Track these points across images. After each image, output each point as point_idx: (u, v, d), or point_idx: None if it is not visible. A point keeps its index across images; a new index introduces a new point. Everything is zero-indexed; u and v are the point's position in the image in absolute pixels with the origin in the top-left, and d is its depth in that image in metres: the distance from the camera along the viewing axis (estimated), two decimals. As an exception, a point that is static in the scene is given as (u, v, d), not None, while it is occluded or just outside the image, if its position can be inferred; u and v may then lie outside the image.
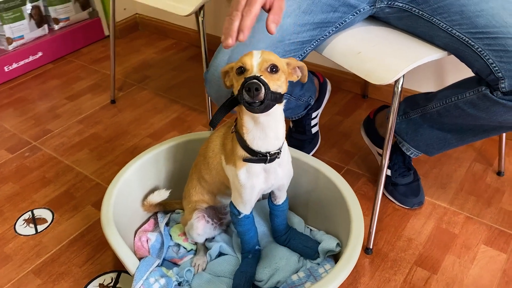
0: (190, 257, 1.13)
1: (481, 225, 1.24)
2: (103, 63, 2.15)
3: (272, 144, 0.86)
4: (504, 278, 1.10)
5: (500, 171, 1.40)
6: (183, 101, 1.84)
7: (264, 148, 0.86)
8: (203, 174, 1.03)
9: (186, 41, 2.30)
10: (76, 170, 1.50)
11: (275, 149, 0.87)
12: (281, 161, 0.92)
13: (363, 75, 1.01)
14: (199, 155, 1.06)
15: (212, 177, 1.01)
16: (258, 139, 0.85)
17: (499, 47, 0.90)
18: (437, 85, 1.62)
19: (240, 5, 0.85)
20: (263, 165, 0.89)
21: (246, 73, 0.79)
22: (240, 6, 0.84)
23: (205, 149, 1.02)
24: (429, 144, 1.18)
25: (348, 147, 1.55)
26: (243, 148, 0.87)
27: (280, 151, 0.89)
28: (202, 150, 1.04)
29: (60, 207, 1.36)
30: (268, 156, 0.87)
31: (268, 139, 0.86)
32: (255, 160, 0.87)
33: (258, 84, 0.74)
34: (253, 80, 0.74)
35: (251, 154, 0.87)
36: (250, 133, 0.85)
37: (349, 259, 0.89)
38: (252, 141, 0.85)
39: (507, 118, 0.95)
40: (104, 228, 1.00)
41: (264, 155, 0.87)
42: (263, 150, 0.86)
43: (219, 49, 1.06)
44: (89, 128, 1.70)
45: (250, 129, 0.85)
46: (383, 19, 1.15)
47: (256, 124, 0.84)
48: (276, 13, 0.86)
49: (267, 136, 0.85)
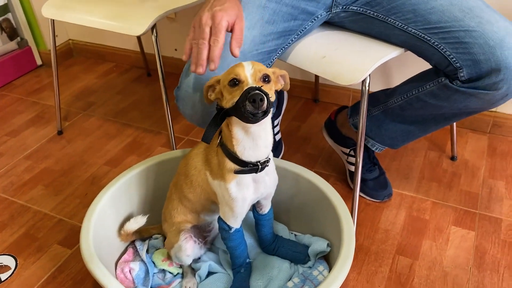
0: (178, 281, 1.09)
1: (447, 208, 1.32)
2: (41, 93, 2.03)
3: (262, 153, 0.87)
4: (477, 253, 1.18)
5: (453, 156, 1.50)
6: (136, 124, 1.78)
7: (255, 157, 0.86)
8: (185, 194, 1.01)
9: (126, 63, 2.24)
10: (33, 209, 1.40)
11: (265, 158, 0.88)
12: (269, 169, 0.92)
13: (332, 77, 1.04)
14: (178, 174, 1.03)
15: (197, 195, 0.99)
16: (248, 149, 0.85)
17: (453, 40, 0.97)
18: (385, 84, 1.70)
19: (205, 34, 0.89)
20: (253, 175, 0.89)
21: (242, 84, 0.78)
22: (205, 35, 0.89)
23: (185, 167, 1.00)
24: (394, 137, 1.24)
25: (311, 150, 1.59)
26: (232, 160, 0.87)
27: (269, 159, 0.89)
28: (181, 169, 1.02)
29: (22, 250, 1.26)
30: (259, 166, 0.87)
31: (258, 148, 0.86)
32: (246, 171, 0.87)
33: (262, 95, 0.74)
34: (255, 91, 0.74)
35: (241, 166, 0.86)
36: (240, 144, 0.85)
37: (347, 256, 0.91)
38: (242, 152, 0.85)
39: (466, 104, 1.03)
40: (88, 264, 0.94)
41: (255, 165, 0.86)
42: (254, 160, 0.86)
43: (188, 66, 1.04)
44: (39, 163, 1.59)
45: (241, 140, 0.84)
46: (338, 24, 1.20)
47: (247, 134, 0.84)
48: (238, 36, 0.91)
49: (257, 145, 0.85)
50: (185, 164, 1.00)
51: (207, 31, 0.89)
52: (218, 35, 0.88)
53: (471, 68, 0.96)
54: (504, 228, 1.25)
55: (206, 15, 0.91)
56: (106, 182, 1.48)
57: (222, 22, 0.89)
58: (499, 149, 1.55)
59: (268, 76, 0.80)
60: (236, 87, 0.78)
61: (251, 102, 0.74)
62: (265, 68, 0.81)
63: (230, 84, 0.79)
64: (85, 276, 1.18)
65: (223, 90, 0.82)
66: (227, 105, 0.80)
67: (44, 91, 2.05)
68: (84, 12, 1.41)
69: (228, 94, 0.80)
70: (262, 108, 0.75)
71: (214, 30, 0.89)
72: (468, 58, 0.96)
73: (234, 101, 0.78)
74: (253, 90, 0.75)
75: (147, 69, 2.14)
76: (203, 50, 0.88)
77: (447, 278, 1.12)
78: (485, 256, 1.17)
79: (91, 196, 1.43)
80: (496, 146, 1.56)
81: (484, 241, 1.21)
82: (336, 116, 1.41)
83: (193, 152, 0.99)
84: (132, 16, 1.35)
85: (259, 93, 0.74)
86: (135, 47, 2.17)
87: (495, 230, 1.24)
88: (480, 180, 1.42)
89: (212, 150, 0.93)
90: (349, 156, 1.38)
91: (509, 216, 1.28)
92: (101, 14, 1.38)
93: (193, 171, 0.97)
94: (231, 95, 0.79)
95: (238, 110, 0.77)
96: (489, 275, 1.12)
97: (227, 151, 0.87)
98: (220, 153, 0.89)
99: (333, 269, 0.88)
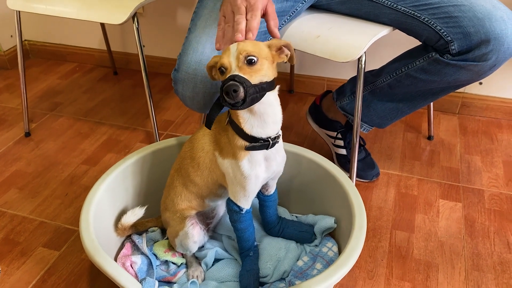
0: (184, 272, 1.06)
1: (432, 184, 1.37)
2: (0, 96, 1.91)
3: (271, 129, 0.86)
4: (467, 222, 1.23)
5: (430, 136, 1.57)
6: (109, 122, 1.71)
7: (264, 134, 0.85)
8: (192, 177, 0.97)
9: (90, 62, 2.15)
10: (9, 213, 1.30)
11: (275, 134, 0.87)
12: (278, 146, 0.91)
13: (328, 55, 1.06)
14: (183, 159, 1.00)
15: (204, 177, 0.96)
16: (257, 127, 0.84)
17: (443, 15, 1.02)
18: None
19: (242, 11, 0.87)
20: (264, 152, 0.88)
21: (226, 72, 0.78)
22: (242, 11, 0.87)
23: (191, 150, 0.97)
24: (382, 116, 1.28)
25: (294, 138, 1.60)
26: (242, 137, 0.85)
27: (280, 135, 0.88)
28: (186, 153, 0.99)
29: (4, 257, 1.17)
30: (270, 141, 0.86)
31: (267, 125, 0.85)
32: (257, 147, 0.86)
33: (236, 85, 0.73)
34: (229, 82, 0.74)
35: (252, 141, 0.85)
36: (247, 122, 0.83)
37: (361, 226, 0.92)
38: (251, 129, 0.84)
39: (456, 77, 1.08)
40: (94, 258, 0.88)
41: (266, 141, 0.85)
42: (264, 136, 0.85)
43: (187, 46, 1.02)
44: (8, 166, 1.49)
45: (247, 118, 0.83)
46: (324, 7, 1.22)
47: (253, 113, 0.83)
48: (274, 17, 0.90)
49: (266, 122, 0.84)
50: (190, 147, 0.97)
51: (243, 9, 0.87)
52: (255, 12, 0.87)
53: (461, 41, 1.01)
54: (487, 197, 1.31)
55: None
56: (86, 181, 1.41)
57: (257, 3, 0.88)
58: (469, 128, 1.63)
59: (253, 56, 0.77)
60: (223, 75, 0.78)
61: (226, 94, 0.74)
62: (251, 48, 0.78)
63: (220, 71, 0.79)
64: (78, 277, 1.11)
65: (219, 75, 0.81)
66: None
67: (2, 94, 1.93)
68: (57, 2, 1.34)
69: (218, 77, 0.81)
70: (238, 98, 0.74)
71: (250, 8, 0.87)
72: (458, 32, 1.00)
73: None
74: (227, 81, 0.74)
75: (114, 67, 2.07)
76: (241, 21, 0.85)
77: (444, 247, 1.16)
78: (474, 224, 1.23)
79: (72, 196, 1.36)
80: (467, 125, 1.65)
81: (472, 211, 1.27)
82: (321, 101, 1.43)
83: (199, 133, 0.96)
84: (109, 5, 1.30)
85: (232, 84, 0.73)
86: (99, 46, 2.09)
87: (479, 200, 1.30)
88: (458, 156, 1.49)
89: (220, 128, 0.91)
90: (336, 139, 1.40)
91: (489, 187, 1.35)
92: (76, 4, 1.32)
93: (200, 152, 0.95)
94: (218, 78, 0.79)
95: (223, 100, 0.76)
96: (481, 241, 1.18)
97: (236, 127, 0.85)
98: (230, 131, 0.87)
99: (350, 238, 0.89)
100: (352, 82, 1.31)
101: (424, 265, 1.11)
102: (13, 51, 2.12)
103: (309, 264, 1.02)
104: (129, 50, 2.05)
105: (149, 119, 1.71)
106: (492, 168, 1.43)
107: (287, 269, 1.02)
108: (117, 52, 2.05)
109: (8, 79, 2.05)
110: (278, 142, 0.89)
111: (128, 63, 2.08)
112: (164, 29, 1.92)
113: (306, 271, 1.01)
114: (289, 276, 1.01)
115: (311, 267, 1.01)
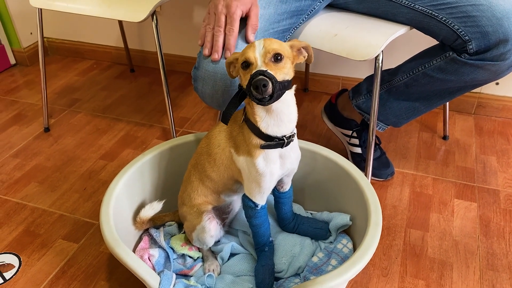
0: (200, 265, 1.07)
1: (447, 183, 1.37)
2: (19, 92, 1.95)
3: (287, 128, 0.87)
4: (482, 222, 1.23)
5: (445, 136, 1.57)
6: (126, 118, 1.74)
7: (280, 133, 0.86)
8: (208, 173, 0.99)
9: (107, 60, 2.19)
10: (30, 206, 1.33)
11: (290, 132, 0.88)
12: (293, 144, 0.92)
13: (346, 54, 1.07)
14: (199, 154, 1.02)
15: (220, 173, 0.98)
16: (272, 126, 0.85)
17: (461, 14, 1.02)
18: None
19: (221, 22, 0.96)
20: (279, 150, 0.89)
21: (251, 67, 0.79)
22: (221, 23, 0.96)
23: (207, 147, 0.99)
24: (398, 115, 1.28)
25: (308, 136, 1.61)
26: (257, 135, 0.86)
27: (295, 133, 0.90)
28: (203, 149, 1.00)
29: (25, 248, 1.20)
30: (285, 140, 0.87)
31: (283, 124, 0.86)
32: (273, 145, 0.87)
33: (265, 80, 0.74)
34: (259, 76, 0.74)
35: (267, 140, 0.86)
36: (263, 121, 0.85)
37: (376, 223, 0.93)
38: (266, 128, 0.85)
39: (473, 76, 1.08)
40: (114, 250, 0.91)
41: (281, 139, 0.87)
42: (279, 135, 0.86)
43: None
44: (28, 160, 1.52)
45: (263, 117, 0.84)
46: (342, 6, 1.22)
47: (269, 112, 0.84)
48: (253, 22, 0.97)
49: (281, 121, 0.85)
50: (207, 143, 0.99)
51: (223, 20, 0.95)
52: (233, 24, 0.94)
53: (479, 40, 1.01)
54: (503, 198, 1.31)
55: (221, 3, 0.95)
56: (104, 176, 1.44)
57: (237, 11, 0.94)
58: (485, 128, 1.63)
59: (280, 54, 0.78)
60: (248, 70, 0.79)
61: (255, 88, 0.74)
62: (278, 46, 0.79)
63: (243, 66, 0.80)
64: (97, 269, 1.13)
65: (239, 70, 0.82)
66: (244, 85, 0.80)
67: (22, 90, 1.97)
68: (78, 0, 1.37)
69: (243, 76, 0.81)
70: (267, 93, 0.75)
71: (229, 19, 0.94)
72: (476, 31, 1.00)
73: (246, 81, 0.78)
74: (257, 75, 0.75)
75: (131, 65, 2.09)
76: (219, 37, 0.96)
77: (458, 247, 1.16)
78: (490, 224, 1.23)
79: (90, 190, 1.38)
80: (483, 125, 1.64)
81: (487, 211, 1.27)
82: (337, 99, 1.44)
83: (216, 130, 0.98)
84: (128, 3, 1.32)
85: (262, 78, 0.74)
86: (116, 43, 2.12)
87: (495, 200, 1.30)
88: (473, 156, 1.48)
89: (236, 126, 0.92)
90: (351, 138, 1.41)
91: (505, 187, 1.35)
92: (96, 1, 1.35)
93: (216, 149, 0.96)
94: (245, 78, 0.79)
95: (249, 94, 0.77)
96: (496, 241, 1.17)
97: (252, 126, 0.86)
98: (245, 129, 0.88)
99: (366, 235, 0.90)
100: (368, 81, 1.32)
101: (438, 263, 1.12)
102: (33, 48, 2.17)
103: (324, 260, 1.03)
104: (146, 48, 2.07)
105: (165, 116, 1.73)
106: (508, 168, 1.42)
107: (302, 264, 1.04)
108: (134, 50, 2.08)
109: (28, 76, 2.09)
110: (293, 140, 0.90)
111: (145, 60, 2.11)
112: (181, 27, 1.95)
113: (321, 267, 1.02)
114: (304, 271, 1.02)
115: (326, 263, 1.02)
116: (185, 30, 1.94)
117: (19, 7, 2.03)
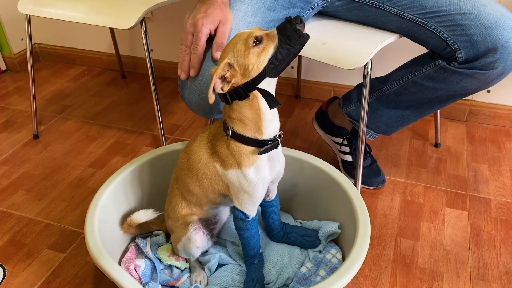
0: (187, 276, 1.06)
1: (438, 192, 1.36)
2: (9, 99, 1.93)
3: (278, 122, 0.88)
4: (473, 231, 1.22)
5: (437, 143, 1.56)
6: (117, 125, 1.73)
7: (274, 130, 0.87)
8: (190, 188, 0.97)
9: (99, 66, 2.17)
10: (16, 215, 1.31)
11: (279, 129, 0.88)
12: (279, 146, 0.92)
13: (334, 62, 1.06)
14: (180, 169, 0.99)
15: (204, 188, 0.95)
16: (270, 121, 0.85)
17: (450, 23, 1.01)
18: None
19: (188, 41, 0.96)
20: (268, 153, 0.88)
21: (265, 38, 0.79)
22: (188, 42, 0.96)
23: (187, 162, 0.96)
24: (388, 123, 1.27)
25: (300, 143, 1.60)
26: (251, 145, 0.85)
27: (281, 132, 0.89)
28: (183, 164, 0.97)
29: (10, 258, 1.18)
30: (278, 140, 0.87)
31: (277, 118, 0.87)
32: (269, 148, 0.86)
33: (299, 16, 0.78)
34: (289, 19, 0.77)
35: (262, 145, 0.85)
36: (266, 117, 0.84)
37: (365, 233, 0.92)
38: (269, 125, 0.84)
39: (463, 85, 1.07)
40: (98, 261, 0.89)
41: (274, 140, 0.86)
42: (273, 134, 0.86)
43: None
44: (16, 168, 1.50)
45: (266, 112, 0.83)
46: (331, 13, 1.22)
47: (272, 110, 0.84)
48: (219, 40, 0.96)
49: (275, 114, 0.86)
50: (187, 159, 0.96)
51: (190, 38, 0.96)
52: (197, 43, 0.95)
53: (468, 49, 1.00)
54: (494, 206, 1.30)
55: (189, 22, 0.97)
56: (93, 184, 1.42)
57: (202, 29, 0.94)
58: (477, 136, 1.62)
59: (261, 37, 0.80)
60: (262, 43, 0.78)
61: (298, 23, 0.77)
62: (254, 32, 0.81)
63: (256, 42, 0.78)
64: (83, 279, 1.11)
65: (244, 61, 0.79)
66: (259, 68, 0.78)
67: (12, 96, 1.95)
68: (66, 7, 1.36)
69: (256, 57, 0.78)
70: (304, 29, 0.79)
71: (195, 37, 0.95)
72: (465, 40, 1.00)
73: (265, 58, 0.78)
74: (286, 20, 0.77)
75: (122, 71, 2.08)
76: (184, 56, 0.97)
77: (449, 256, 1.15)
78: (480, 233, 1.22)
79: (78, 199, 1.37)
80: (474, 133, 1.64)
81: (478, 220, 1.26)
82: (328, 106, 1.43)
83: (195, 145, 0.95)
84: (117, 10, 1.31)
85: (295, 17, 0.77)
86: (108, 50, 2.11)
87: (486, 209, 1.29)
88: (464, 164, 1.48)
89: (219, 141, 0.90)
90: (342, 145, 1.40)
91: (496, 196, 1.34)
92: (85, 8, 1.34)
93: (197, 164, 0.93)
94: (258, 57, 0.78)
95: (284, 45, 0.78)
96: (487, 250, 1.17)
97: (243, 138, 0.85)
98: (232, 143, 0.87)
99: (354, 246, 0.88)
100: (358, 89, 1.31)
101: (428, 273, 1.11)
102: (23, 54, 2.15)
103: (313, 271, 1.02)
104: (137, 54, 2.06)
105: (156, 123, 1.72)
106: (499, 176, 1.42)
107: (291, 275, 1.02)
108: (126, 56, 2.07)
109: (18, 82, 2.07)
110: (281, 137, 0.89)
111: (137, 67, 2.10)
112: (173, 34, 1.94)
113: (310, 278, 1.01)
114: (292, 282, 1.01)
115: (314, 274, 1.01)
116: (177, 37, 1.93)
117: (10, 13, 2.01)
